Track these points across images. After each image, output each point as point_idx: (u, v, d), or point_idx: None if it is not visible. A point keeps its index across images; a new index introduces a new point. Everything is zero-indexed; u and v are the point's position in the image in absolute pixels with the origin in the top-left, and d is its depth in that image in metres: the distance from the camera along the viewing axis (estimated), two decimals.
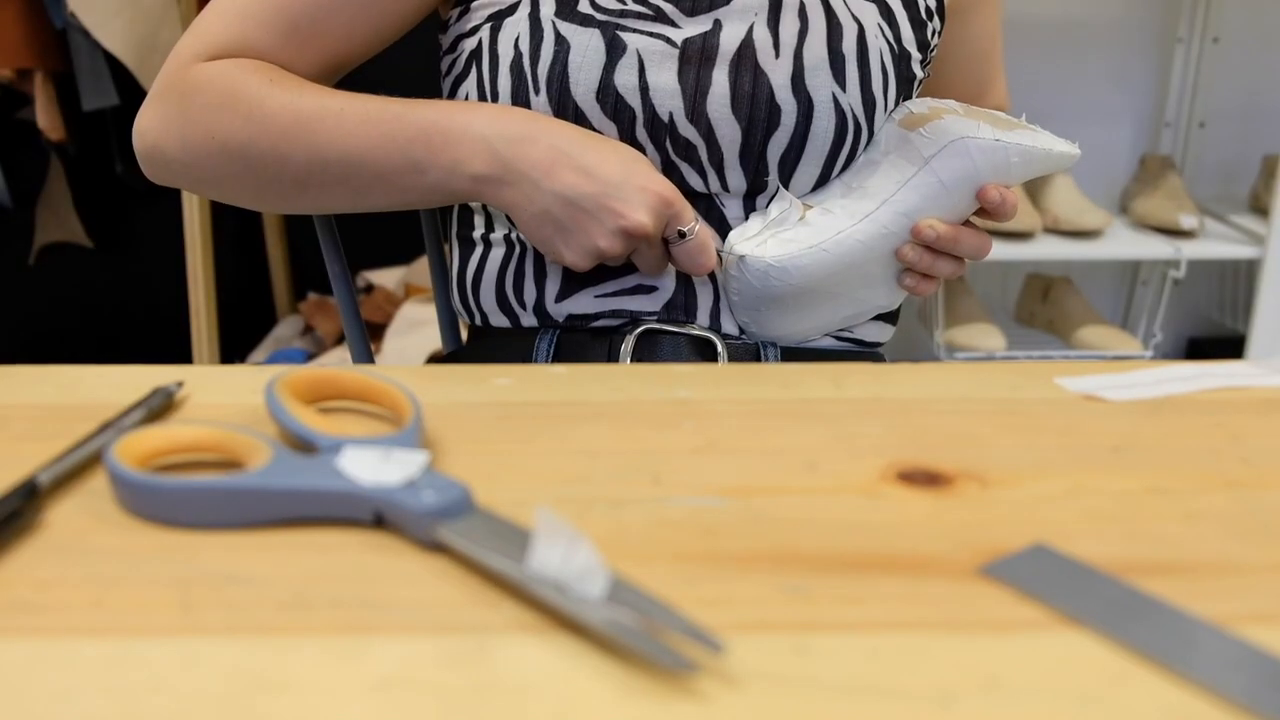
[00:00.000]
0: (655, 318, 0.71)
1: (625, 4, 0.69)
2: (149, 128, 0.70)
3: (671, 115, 0.68)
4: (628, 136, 0.69)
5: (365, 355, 0.98)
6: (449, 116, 0.65)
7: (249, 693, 0.28)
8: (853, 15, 0.71)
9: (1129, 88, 2.11)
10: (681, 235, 0.64)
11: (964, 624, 0.32)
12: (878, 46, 0.71)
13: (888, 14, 0.72)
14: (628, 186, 0.63)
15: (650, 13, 0.68)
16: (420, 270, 2.14)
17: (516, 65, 0.69)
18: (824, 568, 0.35)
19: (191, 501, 0.36)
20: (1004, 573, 0.34)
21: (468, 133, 0.64)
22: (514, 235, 0.75)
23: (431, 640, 0.30)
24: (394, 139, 0.65)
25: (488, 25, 0.71)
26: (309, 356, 2.05)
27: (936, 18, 0.77)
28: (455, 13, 0.74)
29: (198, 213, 1.86)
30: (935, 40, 0.78)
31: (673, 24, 0.68)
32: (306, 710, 0.27)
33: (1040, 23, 2.00)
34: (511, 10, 0.70)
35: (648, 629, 0.30)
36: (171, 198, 1.97)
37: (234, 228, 2.17)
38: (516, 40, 0.69)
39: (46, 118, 1.85)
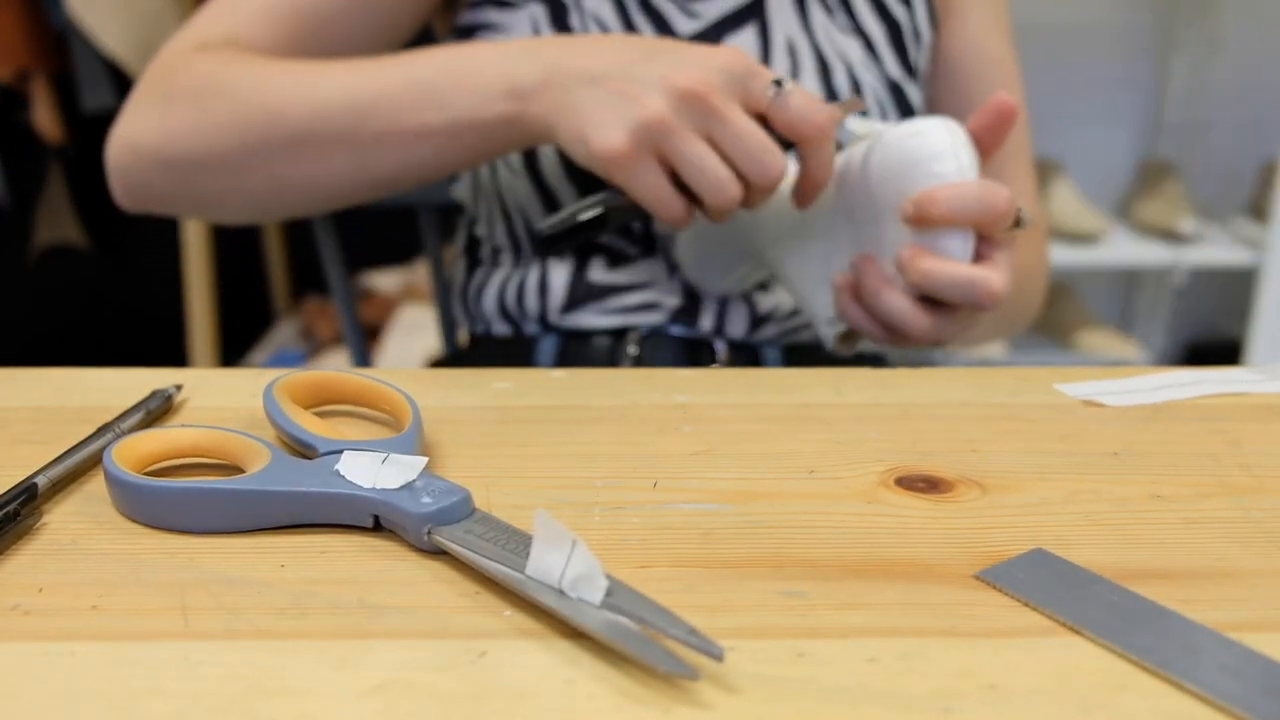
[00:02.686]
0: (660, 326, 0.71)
1: None
2: (121, 130, 0.65)
3: None
4: None
5: (363, 358, 0.98)
6: (464, 56, 0.59)
7: (247, 697, 0.28)
8: (838, 53, 0.71)
9: (1129, 92, 2.12)
10: (779, 85, 0.54)
11: (963, 630, 0.32)
12: (869, 83, 0.72)
13: (870, 47, 0.73)
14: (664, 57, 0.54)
15: None
16: (419, 272, 2.15)
17: None
18: (823, 573, 0.35)
19: (190, 505, 0.36)
20: (1003, 578, 0.34)
21: (487, 67, 0.58)
22: (519, 256, 0.75)
23: (430, 645, 0.30)
24: (410, 76, 0.59)
25: None
26: (306, 358, 2.05)
27: (928, 31, 0.76)
28: (452, 34, 0.75)
29: None
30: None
31: None
32: (304, 715, 0.27)
33: (1040, 27, 2.01)
34: (508, 31, 0.71)
35: (647, 634, 0.30)
36: None
37: (233, 229, 2.17)
38: None
39: (45, 119, 1.85)
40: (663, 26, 0.70)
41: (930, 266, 0.53)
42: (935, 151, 0.53)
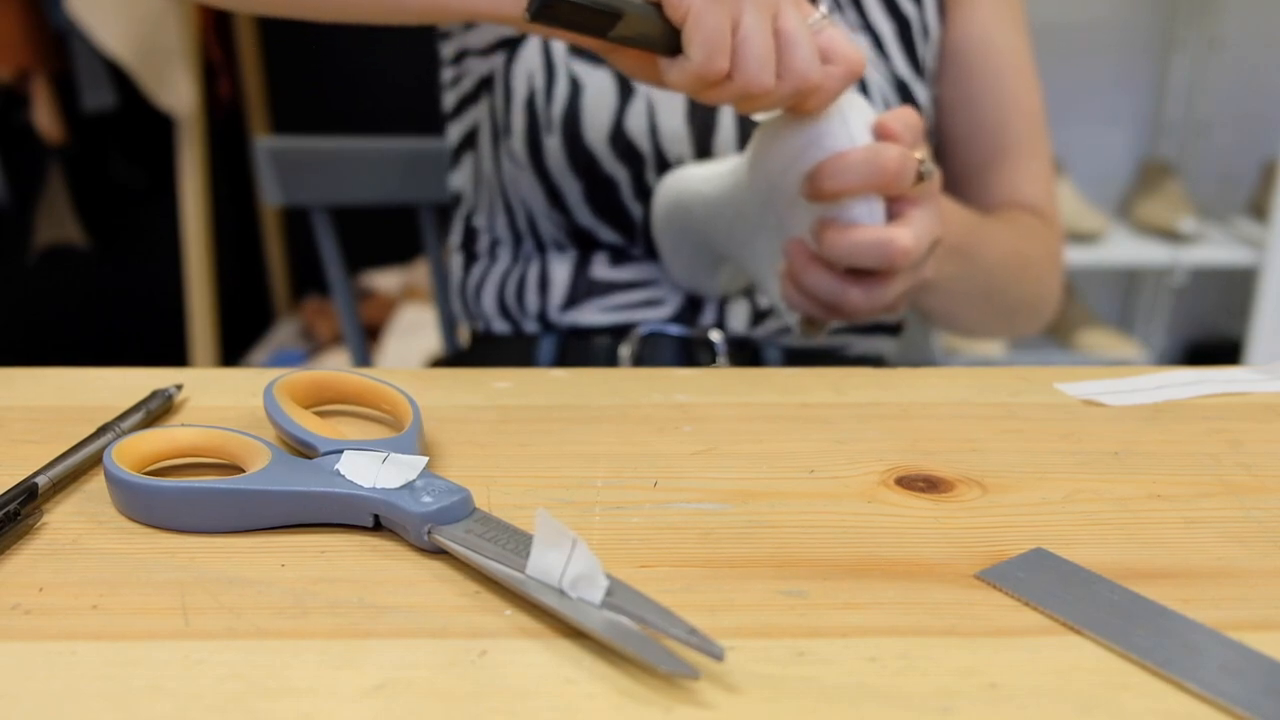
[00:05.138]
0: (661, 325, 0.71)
1: None
2: None
3: (681, 159, 0.69)
4: (638, 180, 0.69)
5: (364, 358, 0.98)
6: None
7: (248, 697, 0.28)
8: None
9: (1129, 91, 2.12)
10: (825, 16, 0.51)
11: (964, 629, 0.32)
12: (875, 82, 0.71)
13: (879, 45, 0.72)
14: None
15: None
16: (419, 272, 2.14)
17: (530, 104, 0.69)
18: (824, 573, 0.35)
19: (190, 505, 0.36)
20: (1004, 578, 0.34)
21: None
22: (519, 249, 0.75)
23: (430, 644, 0.30)
24: None
25: (501, 53, 0.72)
26: (306, 358, 2.05)
27: (936, 26, 0.76)
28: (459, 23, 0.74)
29: (196, 214, 1.86)
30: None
31: None
32: (304, 714, 0.27)
33: (1040, 25, 2.00)
34: (523, 38, 0.71)
35: (647, 634, 0.30)
36: (170, 199, 1.97)
37: (232, 229, 2.17)
38: (530, 77, 0.70)
39: (45, 119, 1.85)
40: None
41: (835, 237, 0.53)
42: (819, 124, 0.53)
